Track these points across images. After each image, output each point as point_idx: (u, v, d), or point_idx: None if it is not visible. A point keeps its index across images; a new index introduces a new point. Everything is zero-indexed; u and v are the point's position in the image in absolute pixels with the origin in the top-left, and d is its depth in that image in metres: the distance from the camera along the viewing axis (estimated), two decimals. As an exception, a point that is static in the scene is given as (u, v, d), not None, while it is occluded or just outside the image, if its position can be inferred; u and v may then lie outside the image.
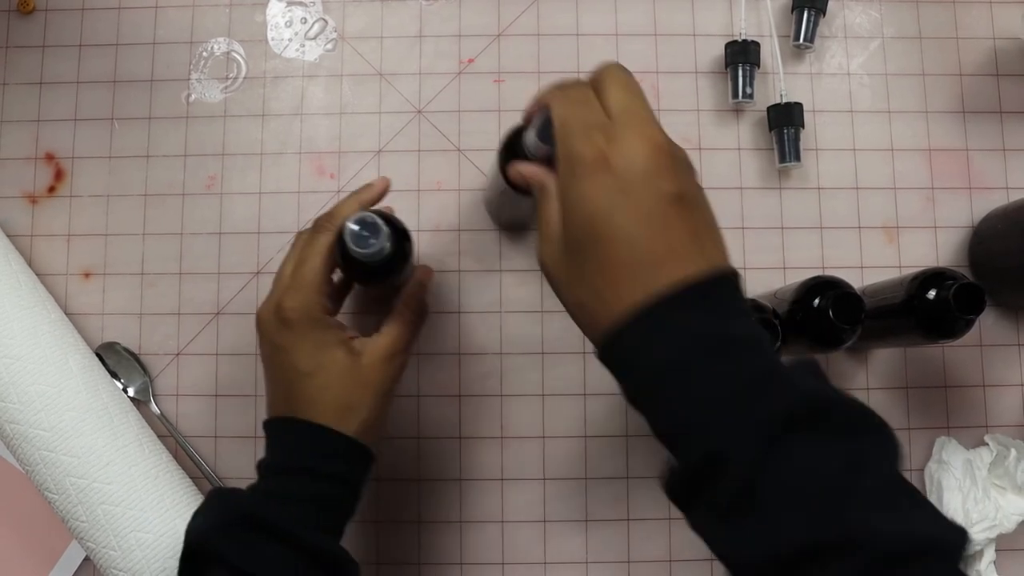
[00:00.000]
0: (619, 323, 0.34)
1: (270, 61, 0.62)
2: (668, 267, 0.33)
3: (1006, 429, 0.59)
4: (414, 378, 0.59)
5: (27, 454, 0.52)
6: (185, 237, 0.61)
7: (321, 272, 0.45)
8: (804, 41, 0.61)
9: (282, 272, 0.47)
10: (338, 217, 0.46)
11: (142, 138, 0.62)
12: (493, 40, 0.63)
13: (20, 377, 0.52)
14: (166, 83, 0.62)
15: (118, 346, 0.59)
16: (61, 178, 0.61)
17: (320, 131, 0.62)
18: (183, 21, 0.63)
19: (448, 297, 0.60)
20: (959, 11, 0.63)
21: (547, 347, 0.59)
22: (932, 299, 0.48)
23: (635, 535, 0.58)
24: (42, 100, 0.62)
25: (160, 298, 0.60)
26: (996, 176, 0.61)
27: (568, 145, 0.36)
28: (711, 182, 0.61)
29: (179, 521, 0.52)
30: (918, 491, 0.33)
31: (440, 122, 0.62)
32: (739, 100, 0.60)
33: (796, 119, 0.59)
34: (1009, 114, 0.62)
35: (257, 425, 0.58)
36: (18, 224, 0.61)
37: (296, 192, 0.61)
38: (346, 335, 0.46)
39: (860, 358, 0.59)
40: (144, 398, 0.58)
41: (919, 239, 0.61)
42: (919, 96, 0.62)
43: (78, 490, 0.51)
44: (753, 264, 0.60)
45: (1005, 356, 0.59)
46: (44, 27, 0.63)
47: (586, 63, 0.62)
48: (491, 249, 0.60)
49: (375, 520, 0.58)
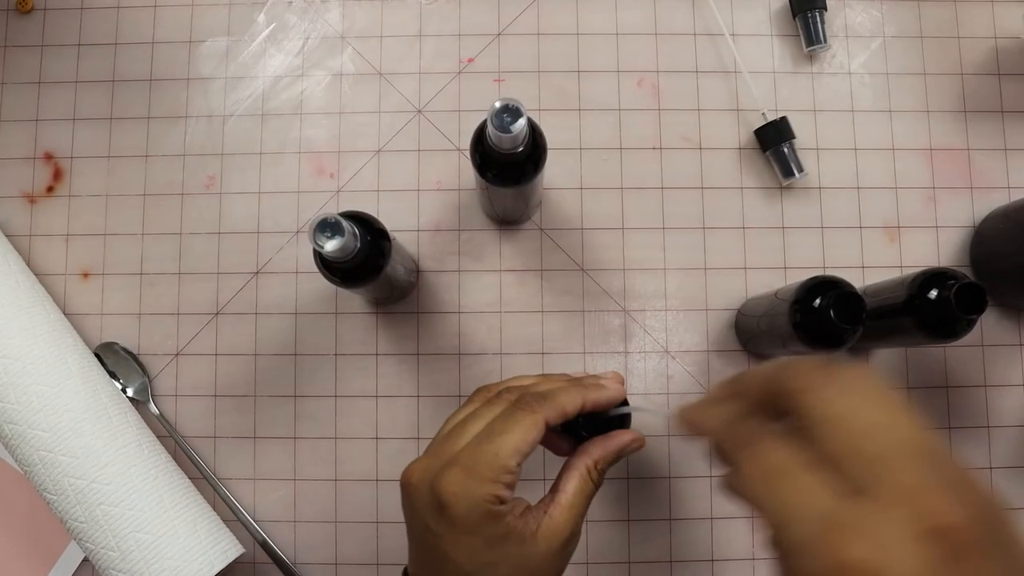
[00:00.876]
0: None
1: (269, 60, 0.62)
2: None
3: (1007, 430, 0.58)
4: (414, 378, 0.59)
5: (26, 454, 0.51)
6: (184, 237, 0.61)
7: (511, 458, 0.36)
8: (817, 44, 0.61)
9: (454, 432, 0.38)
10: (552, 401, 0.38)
11: (141, 138, 0.62)
12: (493, 40, 0.62)
13: (18, 377, 0.52)
14: (165, 83, 0.62)
15: (117, 346, 0.59)
16: (60, 178, 0.61)
17: (320, 131, 0.61)
18: (182, 20, 0.63)
19: (448, 297, 0.60)
20: (960, 10, 0.63)
21: (547, 347, 0.59)
22: (933, 299, 0.48)
23: (635, 535, 0.58)
24: (41, 99, 0.62)
25: (159, 298, 0.60)
26: (997, 176, 0.61)
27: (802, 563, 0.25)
28: (711, 182, 0.61)
29: (178, 522, 0.52)
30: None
31: (440, 122, 0.62)
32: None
33: (786, 134, 0.59)
34: (1010, 113, 0.61)
35: (257, 425, 0.58)
36: (17, 224, 0.61)
37: (296, 192, 0.61)
38: (517, 518, 0.36)
39: (861, 358, 0.59)
40: (143, 398, 0.58)
41: (920, 239, 0.60)
42: (920, 95, 0.62)
43: (77, 491, 0.51)
44: (754, 264, 0.60)
45: (1006, 356, 0.59)
46: (43, 26, 0.63)
47: (586, 63, 0.62)
48: (491, 249, 0.60)
49: (375, 521, 0.58)
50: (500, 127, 0.42)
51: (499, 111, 0.42)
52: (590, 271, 0.60)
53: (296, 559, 0.58)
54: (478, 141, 0.47)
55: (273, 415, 0.59)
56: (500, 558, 0.36)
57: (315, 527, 0.58)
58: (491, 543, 0.36)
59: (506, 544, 0.36)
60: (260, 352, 0.59)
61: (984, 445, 0.58)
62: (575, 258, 0.60)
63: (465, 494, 0.35)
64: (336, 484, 0.58)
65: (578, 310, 0.60)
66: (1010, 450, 0.58)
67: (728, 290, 0.60)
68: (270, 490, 0.58)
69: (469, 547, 0.35)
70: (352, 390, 0.59)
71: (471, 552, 0.35)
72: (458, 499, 0.35)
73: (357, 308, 0.60)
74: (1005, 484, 0.58)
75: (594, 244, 0.60)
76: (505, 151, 0.45)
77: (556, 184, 0.61)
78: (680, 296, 0.60)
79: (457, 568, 0.36)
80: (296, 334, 0.59)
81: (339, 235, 0.42)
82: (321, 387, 0.59)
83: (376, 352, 0.59)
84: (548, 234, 0.60)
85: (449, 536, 0.36)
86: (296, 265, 0.60)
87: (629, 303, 0.60)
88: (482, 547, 0.35)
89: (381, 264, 0.47)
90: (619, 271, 0.60)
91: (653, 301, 0.60)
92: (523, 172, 0.48)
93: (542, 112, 0.62)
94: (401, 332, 0.59)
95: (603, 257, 0.60)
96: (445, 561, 0.36)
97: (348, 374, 0.59)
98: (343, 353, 0.59)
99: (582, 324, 0.59)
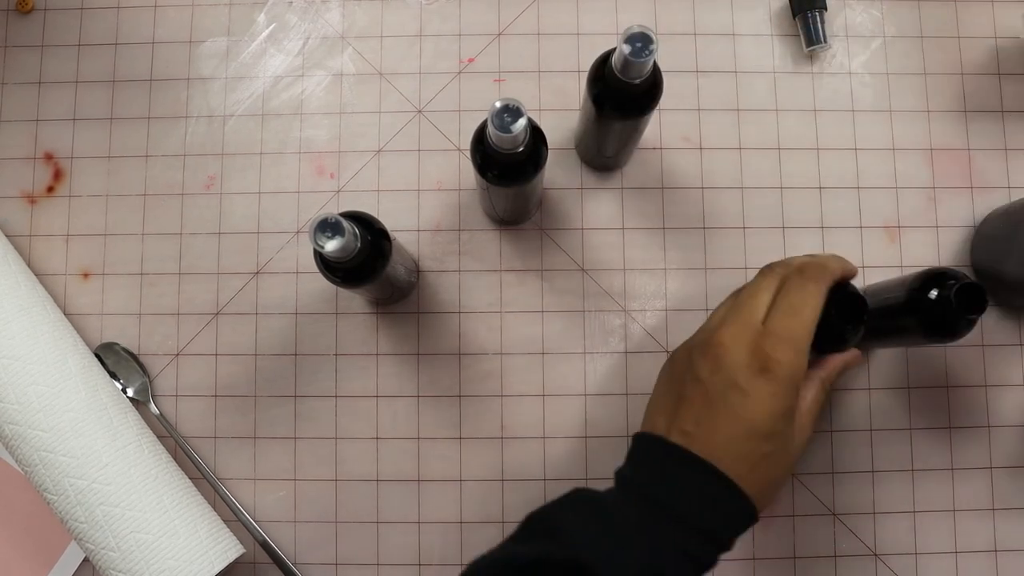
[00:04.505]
0: None
1: (269, 60, 0.62)
2: None
3: (1008, 429, 0.58)
4: (414, 378, 0.59)
5: (26, 455, 0.51)
6: (184, 237, 0.61)
7: (812, 329, 0.41)
8: (817, 44, 0.61)
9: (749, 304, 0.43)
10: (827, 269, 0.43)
11: (141, 138, 0.62)
12: (493, 39, 0.62)
13: (19, 378, 0.52)
14: (165, 83, 0.62)
15: (117, 346, 0.59)
16: (60, 178, 0.61)
17: (320, 131, 0.61)
18: (182, 20, 0.63)
19: (448, 297, 0.60)
20: (960, 10, 0.63)
21: (547, 347, 0.59)
22: (934, 299, 0.48)
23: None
24: (41, 100, 0.62)
25: (159, 298, 0.60)
26: (998, 175, 0.61)
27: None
28: (713, 181, 0.61)
29: (178, 522, 0.52)
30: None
31: (440, 122, 0.62)
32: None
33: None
34: (1010, 113, 0.61)
35: (257, 425, 0.58)
36: (17, 224, 0.61)
37: (296, 192, 0.61)
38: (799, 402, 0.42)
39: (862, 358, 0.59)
40: (143, 398, 0.58)
41: (921, 239, 0.60)
42: (920, 95, 0.62)
43: (77, 491, 0.51)
44: (754, 264, 0.60)
45: (1007, 356, 0.59)
46: (43, 26, 0.63)
47: (586, 63, 0.62)
48: (491, 249, 0.60)
49: (375, 521, 0.58)
50: (500, 127, 0.42)
51: (499, 111, 0.42)
52: (590, 271, 0.60)
53: (296, 559, 0.57)
54: (478, 141, 0.47)
55: (273, 415, 0.59)
56: (782, 431, 0.40)
57: (315, 527, 0.58)
58: (789, 413, 0.40)
59: (788, 420, 0.40)
60: (260, 352, 0.59)
61: (984, 445, 0.58)
62: (575, 258, 0.60)
63: (787, 361, 0.40)
64: (336, 484, 0.58)
65: (578, 310, 0.60)
66: (1010, 450, 0.58)
67: (728, 290, 0.60)
68: (270, 490, 0.58)
69: (773, 412, 0.39)
70: (352, 390, 0.59)
71: (772, 417, 0.39)
72: (781, 366, 0.40)
73: (357, 308, 0.60)
74: (1005, 484, 0.58)
75: (594, 244, 0.60)
76: (505, 151, 0.45)
77: (556, 184, 0.61)
78: (680, 296, 0.60)
79: (750, 426, 0.39)
80: (296, 334, 0.59)
81: (339, 235, 0.42)
82: (321, 387, 0.59)
83: (376, 352, 0.59)
84: (548, 234, 0.60)
85: (757, 396, 0.39)
86: (296, 265, 0.60)
87: (629, 303, 0.60)
88: (782, 415, 0.40)
89: (381, 264, 0.47)
90: (619, 271, 0.60)
91: (653, 301, 0.60)
92: (523, 172, 0.48)
93: (542, 112, 0.62)
94: (401, 332, 0.59)
95: (603, 257, 0.60)
96: (739, 421, 0.39)
97: (348, 374, 0.59)
98: (343, 353, 0.59)
99: (582, 324, 0.59)
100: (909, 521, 0.58)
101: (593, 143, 0.56)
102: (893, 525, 0.58)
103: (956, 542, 0.57)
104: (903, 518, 0.58)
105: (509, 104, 0.42)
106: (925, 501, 0.58)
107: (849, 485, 0.58)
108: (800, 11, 0.61)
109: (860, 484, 0.58)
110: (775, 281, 0.44)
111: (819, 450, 0.58)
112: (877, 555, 0.57)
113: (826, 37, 0.61)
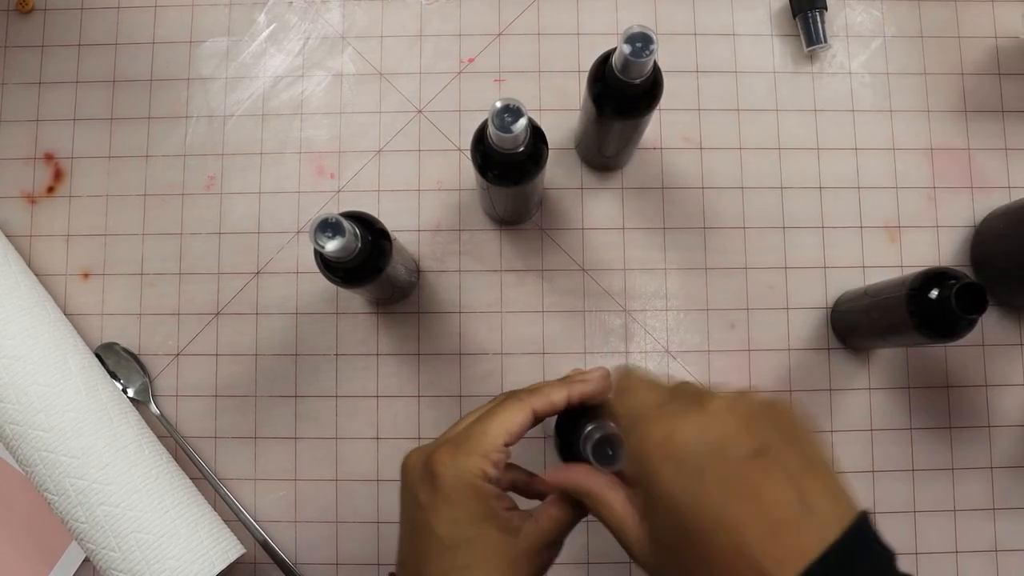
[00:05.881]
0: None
1: (270, 60, 0.62)
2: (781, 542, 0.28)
3: (1008, 429, 0.59)
4: (415, 378, 0.59)
5: (26, 455, 0.51)
6: (185, 237, 0.61)
7: (498, 437, 0.38)
8: (817, 44, 0.61)
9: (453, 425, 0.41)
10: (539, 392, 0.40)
11: (141, 138, 0.62)
12: (493, 39, 0.62)
13: (19, 378, 0.52)
14: (165, 83, 0.62)
15: (117, 346, 0.59)
16: (60, 178, 0.61)
17: (320, 131, 0.61)
18: (182, 20, 0.63)
19: (448, 297, 0.60)
20: (960, 10, 0.63)
21: (547, 347, 0.59)
22: (934, 299, 0.48)
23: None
24: (41, 100, 0.62)
25: (160, 298, 0.60)
26: (998, 175, 0.61)
27: (632, 442, 0.33)
28: (713, 181, 0.61)
29: (179, 522, 0.52)
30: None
31: (440, 122, 0.62)
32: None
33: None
34: (1011, 113, 0.61)
35: (257, 425, 0.58)
36: (17, 224, 0.61)
37: (296, 192, 0.61)
38: (504, 506, 0.38)
39: (862, 358, 0.59)
40: (143, 399, 0.58)
41: (921, 238, 0.60)
42: (921, 95, 0.62)
43: (77, 491, 0.51)
44: (754, 264, 0.60)
45: (1007, 356, 0.59)
46: (43, 27, 0.63)
47: (586, 63, 0.62)
48: (491, 249, 0.60)
49: (375, 521, 0.58)
50: (501, 127, 0.42)
51: (500, 111, 0.42)
52: (590, 271, 0.60)
53: (297, 559, 0.58)
54: (479, 141, 0.47)
55: (274, 415, 0.59)
56: (479, 537, 0.37)
57: (315, 527, 0.58)
58: (473, 519, 0.37)
59: (488, 525, 0.37)
60: (261, 352, 0.59)
61: (984, 445, 0.58)
62: (575, 258, 0.60)
63: (453, 464, 0.37)
64: (336, 484, 0.58)
65: (579, 310, 0.60)
66: (1010, 450, 0.58)
67: (728, 289, 0.60)
68: (271, 490, 0.58)
69: (451, 519, 0.37)
70: (353, 390, 0.59)
71: (453, 524, 0.37)
72: (447, 469, 0.37)
73: (358, 308, 0.60)
74: (1005, 484, 0.58)
75: (594, 244, 0.60)
76: (506, 151, 0.45)
77: (556, 184, 0.61)
78: (681, 296, 0.60)
79: (438, 541, 0.37)
80: (297, 334, 0.59)
81: (340, 235, 0.42)
82: (322, 387, 0.59)
83: (377, 352, 0.59)
84: (548, 234, 0.60)
85: (434, 507, 0.37)
86: (297, 265, 0.60)
87: (630, 303, 0.60)
88: (464, 521, 0.37)
89: (382, 264, 0.47)
90: (620, 271, 0.60)
91: (654, 301, 0.60)
92: (524, 172, 0.48)
93: (542, 112, 0.62)
94: (402, 332, 0.59)
95: (603, 257, 0.60)
96: (427, 535, 0.37)
97: (349, 374, 0.59)
98: (344, 353, 0.59)
99: (583, 324, 0.59)
100: (909, 521, 0.58)
101: (593, 143, 0.56)
102: (893, 525, 0.58)
103: (956, 542, 0.57)
104: (903, 518, 0.58)
105: (509, 104, 0.42)
106: (925, 501, 0.58)
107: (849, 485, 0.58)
108: (800, 11, 0.61)
109: (860, 484, 0.58)
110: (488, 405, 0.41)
111: (819, 450, 0.58)
112: (877, 555, 0.57)
113: (826, 37, 0.61)
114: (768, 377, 0.59)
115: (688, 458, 0.31)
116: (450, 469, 0.37)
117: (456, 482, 0.37)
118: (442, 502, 0.37)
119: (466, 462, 0.37)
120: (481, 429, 0.38)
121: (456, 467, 0.37)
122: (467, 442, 0.38)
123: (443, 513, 0.37)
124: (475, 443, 0.38)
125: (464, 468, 0.37)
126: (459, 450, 0.38)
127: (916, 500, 0.58)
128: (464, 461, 0.37)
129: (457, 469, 0.37)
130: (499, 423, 0.38)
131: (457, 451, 0.38)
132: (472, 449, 0.38)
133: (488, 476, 0.38)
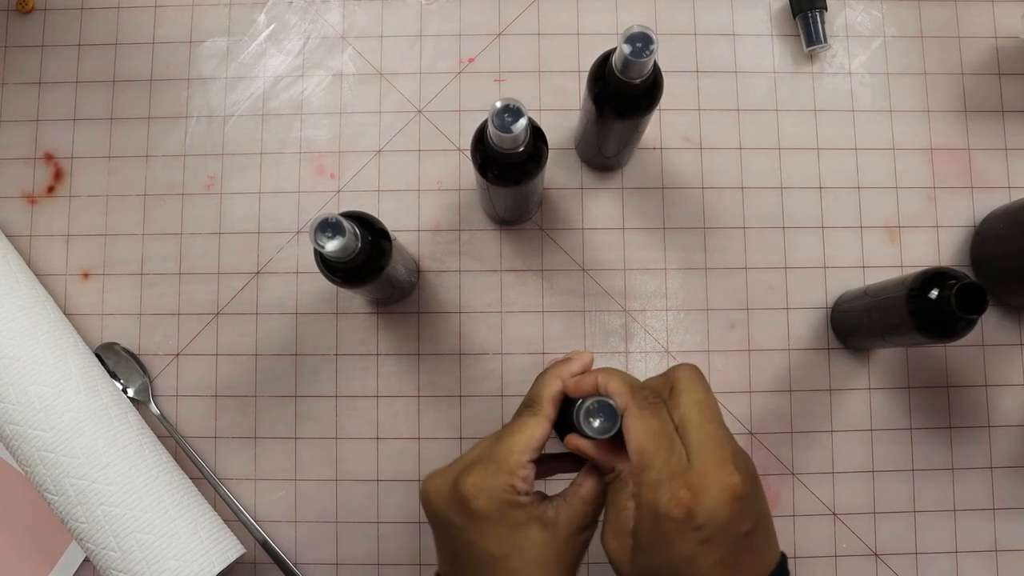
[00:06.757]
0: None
1: (270, 60, 0.62)
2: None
3: (1007, 429, 0.59)
4: (415, 378, 0.59)
5: (26, 455, 0.51)
6: (185, 237, 0.61)
7: (523, 453, 0.40)
8: (817, 44, 0.61)
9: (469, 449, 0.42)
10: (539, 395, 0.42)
11: (141, 138, 0.62)
12: (493, 39, 0.62)
13: (19, 378, 0.52)
14: (165, 83, 0.62)
15: (117, 346, 0.59)
16: (60, 178, 0.61)
17: (320, 131, 0.61)
18: (182, 20, 0.63)
19: (448, 297, 0.60)
20: (960, 10, 0.63)
21: (547, 347, 0.59)
22: (934, 299, 0.48)
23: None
24: (41, 100, 0.62)
25: (159, 298, 0.60)
26: (998, 175, 0.61)
27: (653, 496, 0.36)
28: (713, 181, 0.61)
29: (179, 522, 0.52)
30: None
31: (440, 122, 0.62)
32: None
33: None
34: (1011, 113, 0.61)
35: (257, 425, 0.58)
36: (17, 224, 0.61)
37: (296, 192, 0.61)
38: (539, 507, 0.40)
39: (862, 358, 0.59)
40: (143, 399, 0.58)
41: (921, 238, 0.60)
42: (920, 95, 0.62)
43: (77, 491, 0.51)
44: (754, 264, 0.60)
45: (1007, 356, 0.59)
46: (43, 27, 0.63)
47: (586, 63, 0.62)
48: (491, 249, 0.60)
49: (375, 521, 0.58)
50: (501, 127, 0.42)
51: (500, 111, 0.42)
52: (590, 271, 0.60)
53: (297, 559, 0.58)
54: (479, 141, 0.47)
55: (274, 415, 0.59)
56: (526, 541, 0.39)
57: (315, 527, 0.58)
58: (515, 528, 0.39)
59: (529, 528, 0.39)
60: (261, 352, 0.59)
61: (984, 445, 0.58)
62: (575, 258, 0.60)
63: (485, 486, 0.39)
64: (336, 484, 0.58)
65: (579, 310, 0.60)
66: (1010, 450, 0.58)
67: (728, 290, 0.60)
68: (271, 490, 0.58)
69: (495, 535, 0.39)
70: (352, 390, 0.59)
71: (498, 539, 0.39)
72: (479, 491, 0.39)
73: (358, 308, 0.60)
74: (1005, 484, 0.58)
75: (594, 244, 0.60)
76: (506, 151, 0.45)
77: (556, 184, 0.61)
78: (681, 296, 0.60)
79: (486, 555, 0.39)
80: (297, 334, 0.59)
81: (340, 235, 0.42)
82: (322, 387, 0.59)
83: (377, 352, 0.59)
84: (548, 234, 0.60)
85: (475, 528, 0.39)
86: (297, 265, 0.60)
87: (630, 303, 0.60)
88: (507, 533, 0.39)
89: (382, 264, 0.48)
90: (620, 271, 0.60)
91: (654, 301, 0.60)
92: (524, 172, 0.48)
93: (542, 112, 0.62)
94: (402, 332, 0.59)
95: (603, 257, 0.60)
96: (472, 551, 0.39)
97: (348, 374, 0.59)
98: (344, 353, 0.59)
99: (583, 324, 0.59)
100: (909, 521, 0.58)
101: (593, 143, 0.56)
102: (893, 525, 0.58)
103: (956, 542, 0.57)
104: (903, 518, 0.58)
105: (509, 104, 0.42)
106: (925, 501, 0.58)
107: (849, 485, 0.58)
108: (800, 11, 0.61)
109: (860, 484, 0.58)
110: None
111: (820, 450, 0.58)
112: (877, 555, 0.57)
113: (826, 37, 0.61)
114: (768, 377, 0.59)
115: (703, 529, 0.36)
116: (483, 491, 0.39)
117: (491, 502, 0.39)
118: (483, 522, 0.39)
119: (496, 481, 0.39)
120: (506, 448, 0.40)
121: (488, 488, 0.39)
122: (494, 462, 0.39)
123: (486, 531, 0.39)
124: (502, 462, 0.39)
125: (496, 488, 0.39)
126: (487, 471, 0.39)
127: (916, 500, 0.58)
128: (493, 482, 0.39)
129: (489, 490, 0.39)
130: (523, 440, 0.40)
131: (486, 472, 0.39)
132: (500, 468, 0.39)
133: (519, 491, 0.39)
